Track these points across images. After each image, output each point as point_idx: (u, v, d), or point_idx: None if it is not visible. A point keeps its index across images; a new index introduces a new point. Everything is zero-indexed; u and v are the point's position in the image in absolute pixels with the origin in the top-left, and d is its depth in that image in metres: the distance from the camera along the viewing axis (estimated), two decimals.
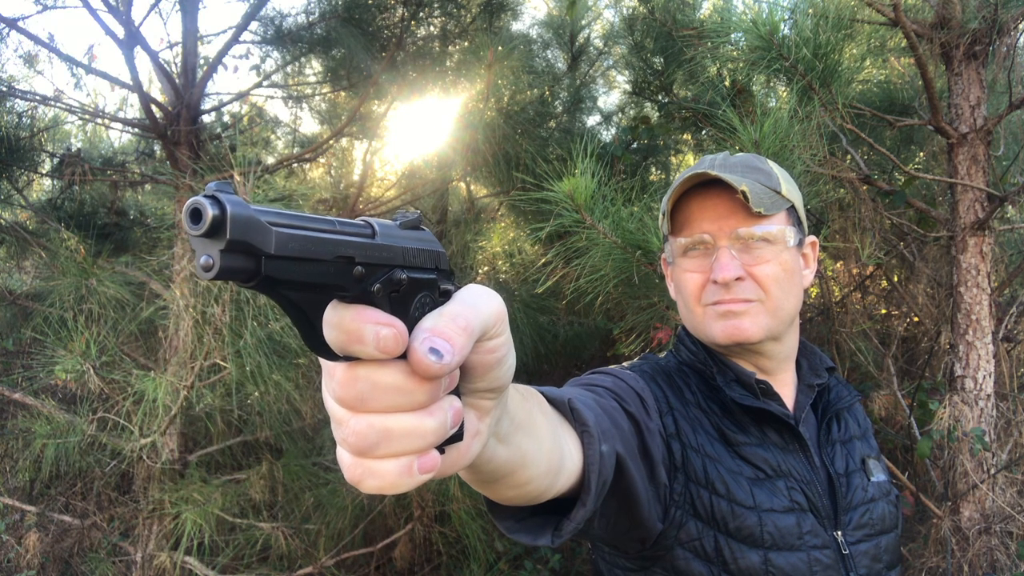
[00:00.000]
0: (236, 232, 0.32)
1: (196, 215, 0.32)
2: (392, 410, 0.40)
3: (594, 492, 0.66)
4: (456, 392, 0.44)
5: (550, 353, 3.56)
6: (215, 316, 2.23)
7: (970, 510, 2.31)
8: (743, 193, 0.95)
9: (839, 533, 0.96)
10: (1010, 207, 2.55)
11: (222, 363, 2.34)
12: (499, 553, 3.19)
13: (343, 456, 0.41)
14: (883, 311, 3.72)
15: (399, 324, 0.39)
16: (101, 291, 2.52)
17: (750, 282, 1.00)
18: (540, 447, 0.59)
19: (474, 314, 0.42)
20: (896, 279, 3.47)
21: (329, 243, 0.37)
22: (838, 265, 3.46)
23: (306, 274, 0.36)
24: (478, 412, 0.48)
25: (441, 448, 0.44)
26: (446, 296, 0.45)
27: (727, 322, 1.00)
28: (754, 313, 0.99)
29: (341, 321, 0.38)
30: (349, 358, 0.40)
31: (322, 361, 0.42)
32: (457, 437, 0.46)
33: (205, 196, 0.32)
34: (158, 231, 3.33)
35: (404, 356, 0.40)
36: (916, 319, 3.31)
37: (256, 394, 2.58)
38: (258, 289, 0.35)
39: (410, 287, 0.42)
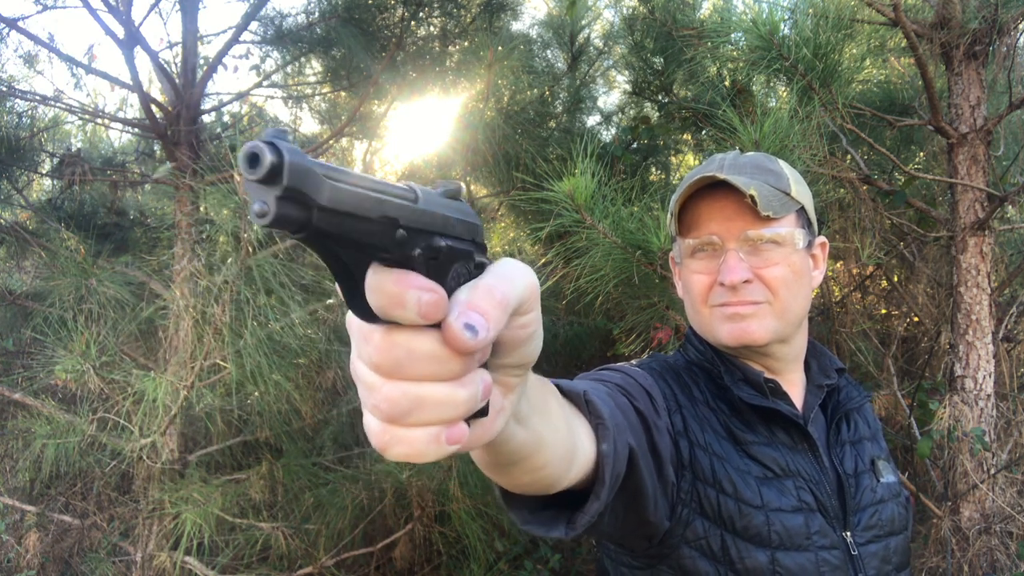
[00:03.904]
0: (293, 179, 0.32)
1: (254, 159, 0.32)
2: (426, 378, 0.40)
3: (608, 485, 0.66)
4: (484, 367, 0.44)
5: (550, 353, 3.56)
6: (215, 316, 2.23)
7: (970, 510, 2.31)
8: (751, 198, 0.95)
9: (848, 534, 0.96)
10: (1010, 207, 2.55)
11: (222, 363, 2.34)
12: (499, 553, 3.19)
13: (371, 422, 0.41)
14: (883, 311, 3.72)
15: (440, 290, 0.39)
16: (101, 291, 2.52)
17: (758, 284, 0.99)
18: (556, 432, 0.59)
19: (510, 287, 0.42)
20: (896, 279, 3.48)
21: (376, 202, 0.37)
22: (838, 265, 3.46)
23: (353, 231, 0.36)
24: (503, 388, 0.48)
25: (467, 421, 0.44)
26: (480, 269, 0.45)
27: (734, 324, 1.00)
28: (761, 316, 0.99)
29: (383, 284, 0.38)
30: (387, 323, 0.40)
31: (353, 326, 0.41)
32: (483, 412, 0.46)
33: (263, 141, 0.32)
34: (158, 231, 3.33)
35: (440, 325, 0.40)
36: (916, 319, 3.31)
37: (256, 394, 2.58)
38: (306, 241, 0.35)
39: (448, 256, 0.42)
